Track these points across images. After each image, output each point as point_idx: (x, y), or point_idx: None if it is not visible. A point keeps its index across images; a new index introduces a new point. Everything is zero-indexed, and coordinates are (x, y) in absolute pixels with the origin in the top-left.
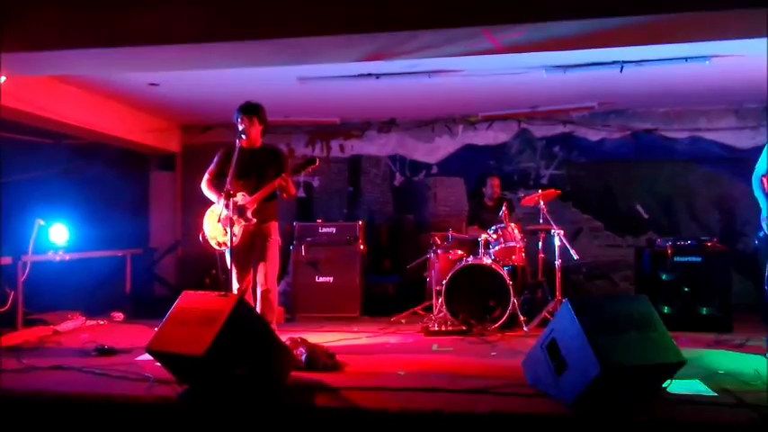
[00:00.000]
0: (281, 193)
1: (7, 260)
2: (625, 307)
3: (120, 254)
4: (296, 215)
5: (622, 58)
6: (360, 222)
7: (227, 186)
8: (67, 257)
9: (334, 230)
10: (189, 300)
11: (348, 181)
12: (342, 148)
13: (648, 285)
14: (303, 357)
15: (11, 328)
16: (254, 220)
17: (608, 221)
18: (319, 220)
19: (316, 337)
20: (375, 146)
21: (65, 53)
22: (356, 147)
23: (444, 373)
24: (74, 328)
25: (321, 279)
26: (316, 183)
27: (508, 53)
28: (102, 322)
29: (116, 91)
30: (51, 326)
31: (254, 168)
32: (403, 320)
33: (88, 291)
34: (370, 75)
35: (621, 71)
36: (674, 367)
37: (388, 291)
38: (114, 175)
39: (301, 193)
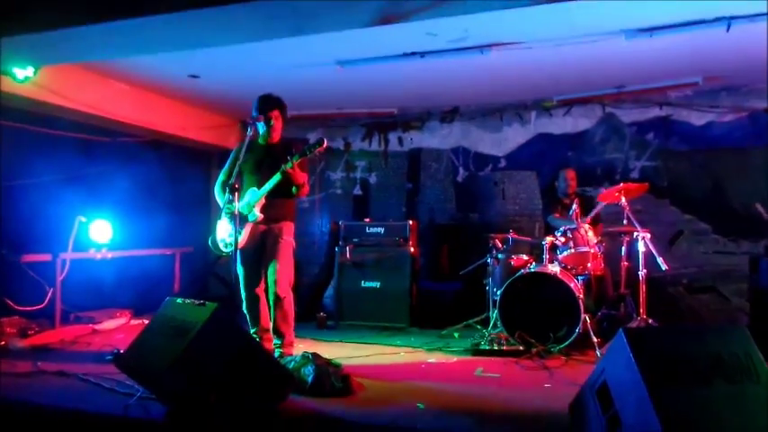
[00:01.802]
0: (293, 186)
1: (47, 257)
2: (710, 344)
3: (168, 252)
4: (352, 214)
5: (728, 12)
6: (410, 222)
7: (232, 180)
8: (110, 255)
9: (382, 231)
10: (170, 308)
11: (407, 177)
12: (400, 141)
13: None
14: (309, 379)
15: (50, 327)
16: (262, 216)
17: (716, 223)
18: (367, 219)
19: (348, 350)
20: (436, 138)
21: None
22: (416, 139)
23: (473, 411)
24: (115, 327)
25: (367, 284)
26: (372, 179)
27: (554, 0)
28: (146, 321)
29: (164, 87)
30: (91, 324)
31: (271, 164)
32: (456, 334)
33: (140, 289)
34: (414, 54)
35: (728, 30)
36: None
37: (446, 299)
38: (173, 173)
39: (357, 191)
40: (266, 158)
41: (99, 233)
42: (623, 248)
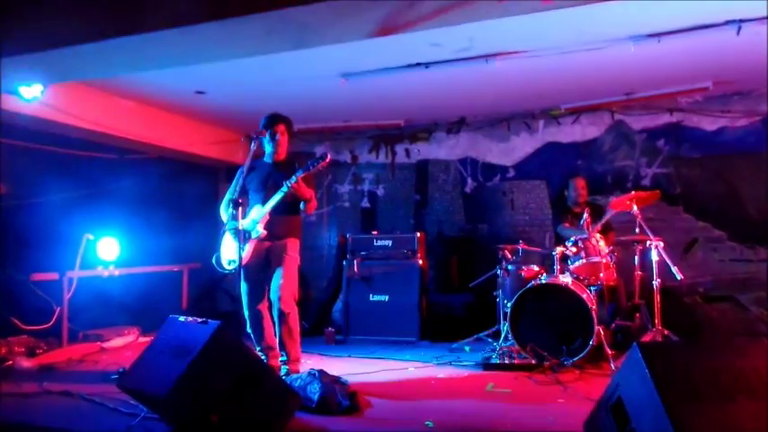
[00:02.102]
0: (299, 202)
1: (54, 276)
2: (731, 359)
3: (176, 269)
4: (360, 227)
5: (738, 15)
6: (418, 234)
7: (234, 196)
8: (117, 273)
9: (390, 243)
10: (172, 327)
11: (415, 188)
12: (408, 153)
13: None
14: (315, 397)
15: (58, 346)
16: (265, 233)
17: (732, 230)
18: (375, 232)
19: (356, 366)
20: (444, 149)
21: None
22: (423, 151)
23: (484, 430)
24: (123, 345)
25: (375, 297)
26: (380, 192)
27: (559, 6)
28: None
29: (170, 103)
30: (99, 342)
31: (274, 181)
32: (467, 348)
33: (149, 306)
34: (418, 64)
35: (738, 33)
36: None
37: (456, 311)
38: (180, 189)
39: (365, 203)
40: (272, 175)
41: (106, 251)
42: (636, 258)
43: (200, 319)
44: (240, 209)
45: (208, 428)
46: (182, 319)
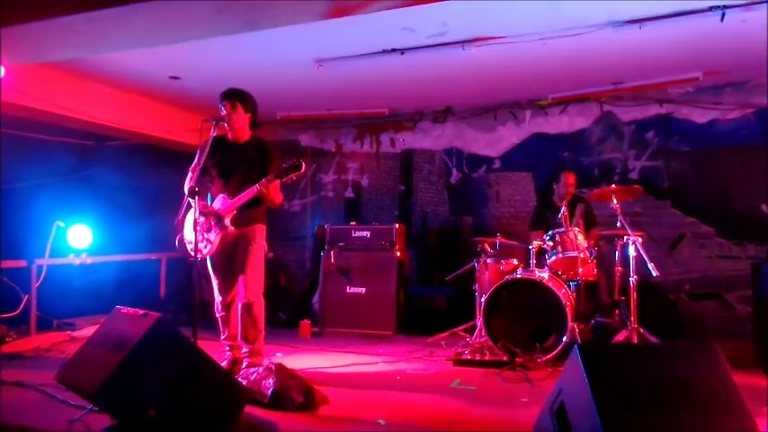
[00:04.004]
0: (265, 201)
1: (21, 263)
2: (677, 366)
3: (153, 257)
4: (344, 218)
5: (722, 1)
6: (397, 226)
7: (192, 184)
8: (89, 261)
9: (368, 234)
10: (115, 319)
11: (399, 179)
12: (392, 143)
13: None
14: (269, 392)
15: (26, 334)
16: (231, 228)
17: (721, 226)
18: (353, 223)
19: (326, 359)
20: (429, 139)
21: None
22: (408, 140)
23: (438, 428)
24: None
25: (352, 290)
26: (365, 182)
27: None
28: None
29: (146, 89)
30: (69, 332)
31: (238, 166)
32: (443, 342)
33: (126, 295)
34: (393, 50)
35: (722, 20)
36: None
37: (438, 305)
38: (160, 176)
39: (350, 194)
40: (236, 160)
41: (78, 238)
42: (617, 253)
43: (141, 312)
44: (197, 197)
45: (146, 423)
46: (125, 310)
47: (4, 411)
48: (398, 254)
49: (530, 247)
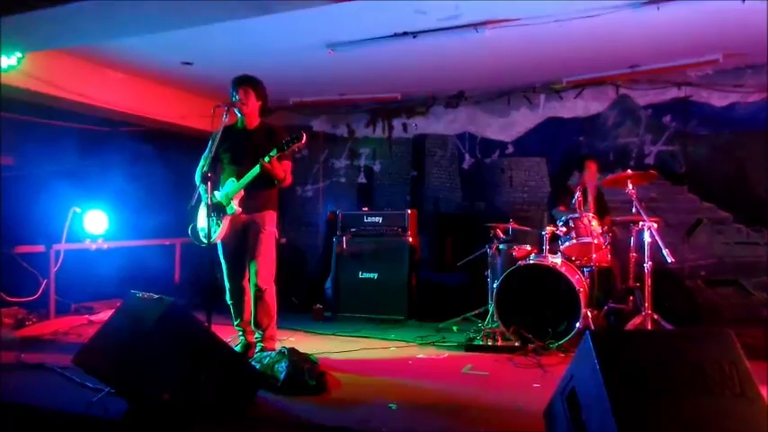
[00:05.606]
0: (273, 180)
1: (40, 248)
2: (689, 352)
3: (167, 242)
4: (357, 204)
5: None
6: (409, 211)
7: (206, 169)
8: (105, 246)
9: (380, 220)
10: (130, 303)
11: (411, 164)
12: (405, 128)
13: None
14: (282, 376)
15: (45, 318)
16: (240, 209)
17: (738, 211)
18: (365, 209)
19: (339, 344)
20: (441, 123)
21: None
22: (421, 125)
23: (449, 413)
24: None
25: (364, 275)
26: (377, 167)
27: None
28: None
29: (159, 75)
30: (88, 315)
31: (248, 152)
32: (454, 328)
33: (141, 279)
34: (405, 34)
35: (744, 1)
36: None
37: (450, 290)
38: (174, 162)
39: (362, 179)
40: (246, 146)
41: (94, 224)
42: (632, 239)
43: (155, 296)
44: (210, 183)
45: (161, 407)
46: (140, 294)
47: (24, 393)
48: (410, 239)
49: (543, 232)
